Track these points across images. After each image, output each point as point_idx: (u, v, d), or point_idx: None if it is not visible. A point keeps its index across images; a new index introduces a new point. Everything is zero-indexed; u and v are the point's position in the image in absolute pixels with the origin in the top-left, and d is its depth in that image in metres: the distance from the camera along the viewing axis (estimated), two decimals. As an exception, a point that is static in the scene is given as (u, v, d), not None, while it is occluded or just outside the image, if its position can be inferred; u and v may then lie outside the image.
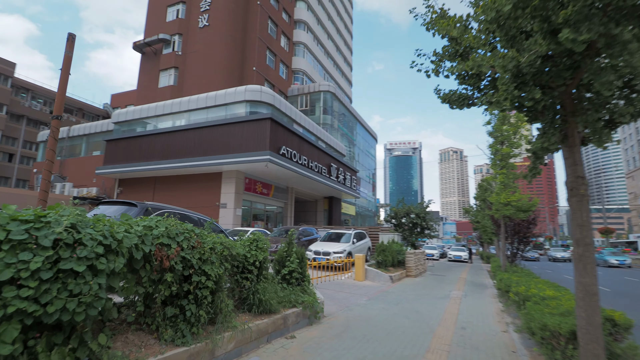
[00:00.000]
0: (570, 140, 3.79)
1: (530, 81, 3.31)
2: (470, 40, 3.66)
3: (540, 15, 2.89)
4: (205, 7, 31.80)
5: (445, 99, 4.41)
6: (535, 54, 3.06)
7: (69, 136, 30.64)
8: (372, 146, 54.87)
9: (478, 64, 3.41)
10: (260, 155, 19.65)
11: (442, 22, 3.99)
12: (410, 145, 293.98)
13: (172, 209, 7.06)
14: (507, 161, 12.22)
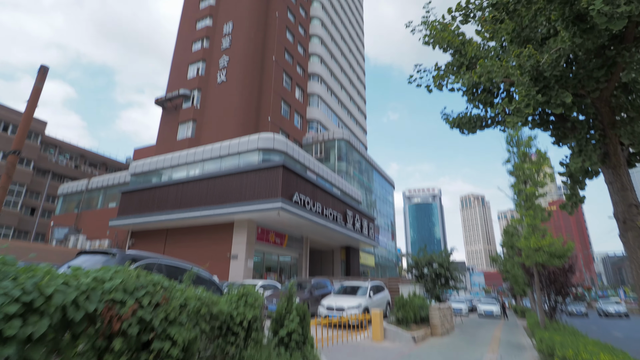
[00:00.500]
0: (613, 159, 3.00)
1: (555, 85, 2.64)
2: (475, 49, 3.08)
3: None
4: (224, 64, 33.33)
5: (454, 123, 3.76)
6: (558, 52, 2.42)
7: (88, 189, 31.19)
8: (390, 193, 53.88)
9: (488, 69, 2.78)
10: (272, 203, 19.09)
11: (444, 34, 3.46)
12: (429, 192, 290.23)
13: (161, 259, 6.34)
14: (533, 202, 11.17)
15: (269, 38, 35.77)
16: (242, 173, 21.02)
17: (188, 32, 37.40)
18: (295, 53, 38.79)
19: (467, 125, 3.74)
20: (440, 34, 3.56)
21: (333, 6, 49.57)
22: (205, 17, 36.94)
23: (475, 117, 3.68)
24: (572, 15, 2.25)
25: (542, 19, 2.48)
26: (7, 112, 43.23)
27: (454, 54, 3.62)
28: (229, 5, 36.17)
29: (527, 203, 11.20)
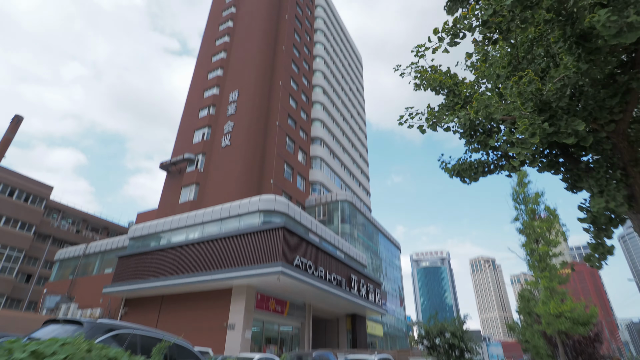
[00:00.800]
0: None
1: (563, 115, 2.33)
2: (469, 88, 2.85)
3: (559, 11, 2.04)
4: (228, 130, 34.41)
5: (454, 171, 3.44)
6: (562, 81, 2.15)
7: (85, 254, 30.44)
8: (396, 256, 52.21)
9: (485, 104, 2.51)
10: (272, 267, 18.22)
11: (434, 75, 3.28)
12: (437, 255, 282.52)
13: (136, 329, 5.67)
14: (548, 262, 10.43)
15: (272, 104, 37.34)
16: (242, 236, 20.44)
17: (196, 100, 39.27)
18: (298, 118, 40.21)
19: (467, 172, 3.41)
20: (431, 76, 3.41)
21: (334, 75, 52.54)
22: (213, 87, 39.03)
23: (476, 163, 3.36)
24: (575, 35, 2.03)
25: (540, 49, 2.27)
26: (12, 176, 44.00)
27: (447, 95, 3.42)
28: (235, 76, 38.37)
29: (542, 264, 10.46)
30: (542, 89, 2.23)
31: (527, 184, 11.83)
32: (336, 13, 61.31)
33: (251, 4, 43.88)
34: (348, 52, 63.01)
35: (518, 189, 12.09)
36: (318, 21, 52.80)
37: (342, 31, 62.48)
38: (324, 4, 55.71)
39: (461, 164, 3.52)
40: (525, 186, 11.95)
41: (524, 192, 11.82)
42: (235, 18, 44.21)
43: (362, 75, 69.11)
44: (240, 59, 39.46)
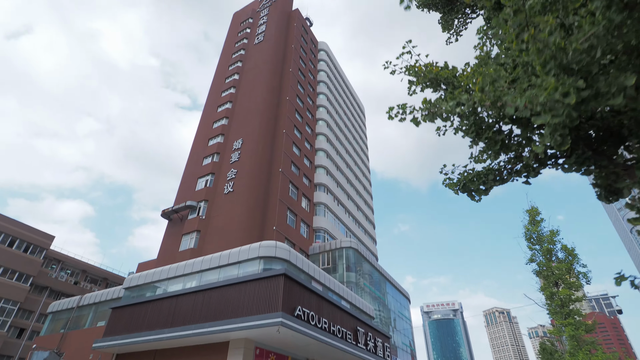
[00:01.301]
0: None
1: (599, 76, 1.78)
2: (471, 76, 2.44)
3: None
4: (231, 176, 34.42)
5: (459, 185, 2.93)
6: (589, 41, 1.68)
7: (79, 305, 29.14)
8: (406, 307, 49.65)
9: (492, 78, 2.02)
10: (271, 318, 17.06)
11: (430, 68, 2.91)
12: (449, 306, 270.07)
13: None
14: (570, 308, 9.46)
15: (276, 152, 37.66)
16: (240, 284, 19.45)
17: (200, 149, 39.81)
18: (302, 165, 40.34)
19: (475, 184, 2.91)
20: (428, 69, 3.05)
21: (337, 123, 53.61)
22: (217, 135, 39.73)
23: (485, 171, 2.86)
24: None
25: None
26: (13, 225, 43.65)
27: (447, 88, 3.03)
28: (240, 125, 39.18)
29: (564, 309, 9.48)
30: (566, 48, 1.75)
31: (540, 222, 11.12)
32: (338, 66, 64.04)
33: (257, 58, 46.00)
34: (350, 102, 64.91)
35: (531, 227, 11.39)
36: (321, 74, 54.99)
37: (344, 82, 64.85)
38: (326, 58, 58.38)
39: (467, 175, 3.03)
40: (539, 224, 11.25)
41: (537, 231, 11.10)
42: (241, 71, 46.15)
43: (365, 124, 70.61)
44: (245, 109, 40.55)
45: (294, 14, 54.95)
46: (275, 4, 53.22)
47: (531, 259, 11.14)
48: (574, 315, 9.25)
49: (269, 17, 51.31)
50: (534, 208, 13.87)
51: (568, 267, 10.01)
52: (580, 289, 9.81)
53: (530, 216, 12.84)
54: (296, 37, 50.99)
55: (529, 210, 13.23)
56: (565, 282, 9.90)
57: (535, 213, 12.69)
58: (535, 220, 13.31)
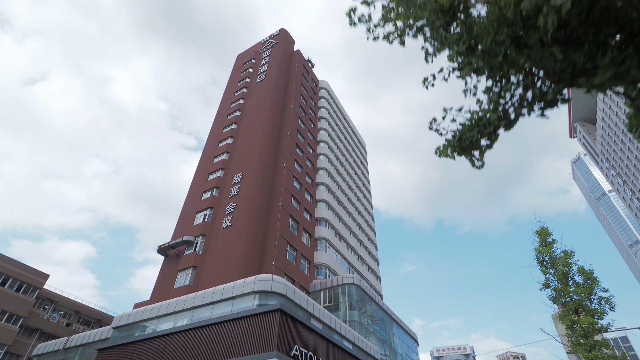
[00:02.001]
0: None
1: None
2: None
3: None
4: (230, 210, 33.77)
5: (455, 142, 2.29)
6: None
7: (65, 347, 27.50)
8: (413, 350, 46.79)
9: None
10: (265, 359, 15.74)
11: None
12: (461, 350, 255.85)
13: None
14: (594, 339, 8.38)
15: (276, 186, 37.23)
16: (233, 321, 18.24)
17: (200, 184, 39.50)
18: (302, 199, 39.74)
19: (474, 134, 2.23)
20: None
21: (338, 159, 53.59)
22: (217, 170, 39.56)
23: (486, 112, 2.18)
24: None
25: None
26: (7, 263, 42.51)
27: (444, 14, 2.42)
28: (240, 159, 39.11)
29: (589, 340, 8.36)
30: None
31: (552, 244, 10.21)
32: (339, 103, 65.21)
33: (258, 95, 46.91)
34: (351, 138, 65.41)
35: (542, 249, 10.47)
36: (321, 110, 55.84)
37: (345, 119, 65.72)
38: (326, 96, 59.56)
39: (465, 127, 2.37)
40: (550, 246, 10.33)
41: (549, 254, 10.17)
42: (243, 108, 46.91)
43: (367, 160, 70.71)
44: (245, 144, 40.68)
45: (295, 55, 56.81)
46: (277, 46, 55.18)
47: (545, 284, 10.12)
48: (600, 348, 8.09)
49: (271, 57, 52.99)
50: (543, 228, 12.90)
51: (588, 291, 8.97)
52: (603, 316, 8.73)
53: (541, 238, 11.89)
54: (297, 76, 52.32)
55: (538, 231, 12.30)
56: (586, 309, 8.82)
57: (545, 234, 11.74)
58: (547, 241, 12.33)
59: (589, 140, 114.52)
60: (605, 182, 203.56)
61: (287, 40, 58.21)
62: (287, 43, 57.42)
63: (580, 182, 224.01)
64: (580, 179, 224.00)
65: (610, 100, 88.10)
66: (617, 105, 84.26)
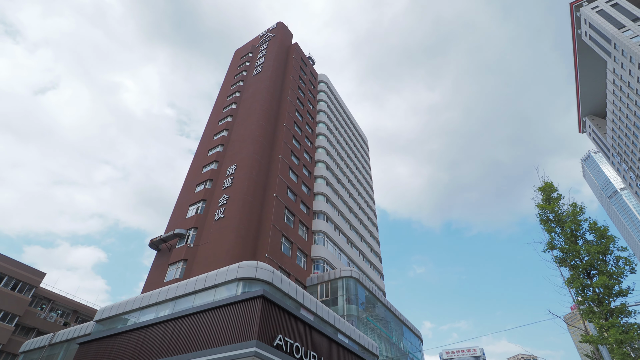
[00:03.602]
0: None
1: None
2: None
3: None
4: (223, 202, 32.67)
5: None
6: None
7: (50, 343, 26.55)
8: (417, 347, 45.11)
9: None
10: (243, 348, 14.50)
11: None
12: (471, 353, 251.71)
13: None
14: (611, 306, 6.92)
15: (271, 177, 36.09)
16: (213, 310, 17.05)
17: (194, 177, 38.53)
18: (299, 192, 38.52)
19: None
20: None
21: (338, 152, 52.28)
22: (212, 162, 38.56)
23: None
24: None
25: None
26: (2, 261, 41.87)
27: None
28: (234, 151, 38.05)
29: (604, 307, 6.89)
30: None
31: (557, 200, 8.79)
32: (339, 97, 63.98)
33: (254, 88, 45.92)
34: (352, 132, 64.10)
35: (546, 206, 8.99)
36: (320, 104, 54.65)
37: (346, 114, 64.44)
38: (326, 89, 58.39)
39: None
40: (556, 202, 8.85)
41: (555, 211, 8.70)
42: (238, 101, 45.95)
43: (369, 155, 69.30)
44: (240, 136, 39.65)
45: (292, 48, 55.79)
46: (274, 39, 54.23)
47: (550, 244, 8.64)
48: (618, 314, 6.62)
49: (268, 50, 52.04)
50: (547, 183, 11.23)
51: (602, 251, 7.46)
52: (622, 278, 7.23)
53: (545, 194, 10.31)
54: (294, 68, 51.25)
55: (541, 187, 10.67)
56: (600, 269, 7.30)
57: (550, 189, 10.14)
58: (552, 198, 10.76)
59: (599, 134, 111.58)
60: (617, 180, 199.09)
61: (285, 33, 57.24)
62: (284, 36, 56.45)
63: (591, 180, 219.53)
64: (591, 177, 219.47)
65: (620, 92, 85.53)
66: (628, 96, 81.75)
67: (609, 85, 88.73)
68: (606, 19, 73.19)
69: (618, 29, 69.96)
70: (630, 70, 69.67)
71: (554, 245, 8.66)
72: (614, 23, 72.45)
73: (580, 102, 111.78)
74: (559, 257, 8.50)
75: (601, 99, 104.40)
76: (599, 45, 77.73)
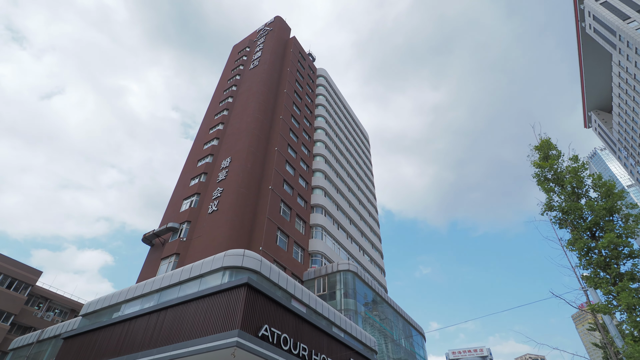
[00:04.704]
0: None
1: None
2: None
3: None
4: (217, 195, 31.90)
5: None
6: None
7: (39, 340, 25.87)
8: (420, 344, 44.00)
9: None
10: (225, 338, 13.63)
11: None
12: (477, 352, 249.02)
13: None
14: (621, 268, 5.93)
15: (267, 170, 35.27)
16: (198, 300, 16.21)
17: (189, 171, 37.80)
18: (296, 185, 37.66)
19: None
20: None
21: (337, 146, 51.38)
22: (207, 156, 37.82)
23: None
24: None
25: None
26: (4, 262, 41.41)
27: None
28: (229, 144, 37.29)
29: (612, 269, 5.86)
30: None
31: (557, 156, 7.80)
32: (338, 92, 63.10)
33: (251, 81, 45.18)
34: (353, 127, 63.17)
35: (544, 163, 7.99)
36: (319, 97, 53.78)
37: (346, 109, 63.53)
38: (325, 83, 57.52)
39: None
40: (555, 159, 7.85)
41: (554, 169, 7.67)
42: (235, 95, 45.23)
43: (370, 151, 68.31)
44: (236, 129, 38.90)
45: (290, 41, 55.02)
46: (271, 33, 53.51)
47: (548, 204, 7.56)
48: (630, 278, 5.63)
49: (265, 44, 51.32)
50: (544, 140, 9.71)
51: (608, 208, 6.42)
52: (632, 237, 6.22)
53: (542, 152, 9.22)
54: (292, 61, 50.45)
55: (537, 146, 9.58)
56: (606, 228, 6.28)
57: (548, 147, 9.04)
58: (550, 155, 9.35)
59: (605, 129, 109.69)
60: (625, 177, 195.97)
61: (282, 27, 56.51)
62: (282, 30, 55.71)
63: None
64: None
65: (626, 85, 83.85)
66: (634, 89, 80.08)
67: (615, 78, 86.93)
68: (610, 10, 71.63)
69: (623, 20, 68.45)
70: (636, 62, 68.12)
71: (553, 206, 7.64)
72: (618, 14, 70.90)
73: (585, 96, 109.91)
74: (558, 217, 7.47)
75: (607, 93, 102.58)
76: (603, 38, 76.21)
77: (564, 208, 7.26)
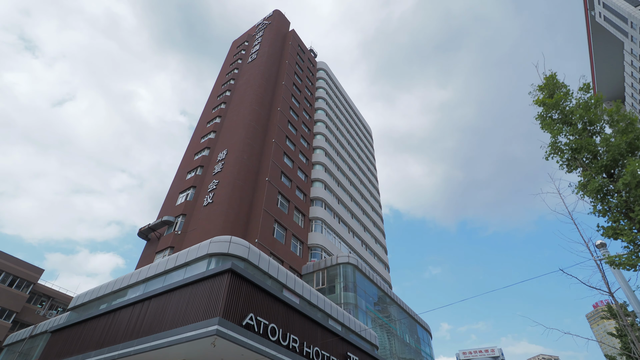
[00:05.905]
0: None
1: None
2: None
3: None
4: (212, 187, 31.23)
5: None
6: None
7: (31, 335, 25.44)
8: (426, 341, 42.80)
9: None
10: (204, 327, 12.82)
11: None
12: (488, 353, 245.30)
13: None
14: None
15: (264, 162, 34.51)
16: (181, 289, 15.45)
17: (186, 165, 37.25)
18: (295, 177, 36.84)
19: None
20: None
21: (338, 139, 50.43)
22: (203, 149, 37.23)
23: None
24: None
25: None
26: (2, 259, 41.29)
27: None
28: (226, 137, 36.65)
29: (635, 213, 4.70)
30: None
31: (565, 95, 6.60)
32: (339, 85, 62.15)
33: (249, 74, 44.52)
34: (354, 121, 62.15)
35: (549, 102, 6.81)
36: (319, 91, 52.90)
37: (347, 102, 62.54)
38: (325, 77, 56.61)
39: None
40: (563, 98, 6.62)
41: (561, 106, 6.44)
42: (233, 88, 44.61)
43: (373, 145, 67.21)
44: (233, 122, 38.24)
45: (289, 35, 54.27)
46: (270, 26, 52.82)
47: (553, 145, 6.26)
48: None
49: (264, 38, 50.64)
50: (550, 75, 8.31)
51: (629, 142, 5.17)
52: None
53: (547, 90, 7.92)
54: (290, 54, 49.67)
55: (541, 85, 8.27)
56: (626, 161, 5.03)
57: (553, 86, 7.75)
58: (557, 94, 7.93)
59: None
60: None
61: (281, 20, 55.79)
62: (280, 23, 54.98)
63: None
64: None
65: (639, 73, 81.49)
66: (647, 78, 77.65)
67: (627, 67, 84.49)
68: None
69: (635, 6, 66.24)
70: (648, 48, 65.96)
71: (560, 148, 6.36)
72: (629, 0, 68.73)
73: (596, 88, 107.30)
74: (567, 158, 6.24)
75: (619, 83, 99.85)
76: (614, 26, 73.96)
77: (574, 146, 6.09)
